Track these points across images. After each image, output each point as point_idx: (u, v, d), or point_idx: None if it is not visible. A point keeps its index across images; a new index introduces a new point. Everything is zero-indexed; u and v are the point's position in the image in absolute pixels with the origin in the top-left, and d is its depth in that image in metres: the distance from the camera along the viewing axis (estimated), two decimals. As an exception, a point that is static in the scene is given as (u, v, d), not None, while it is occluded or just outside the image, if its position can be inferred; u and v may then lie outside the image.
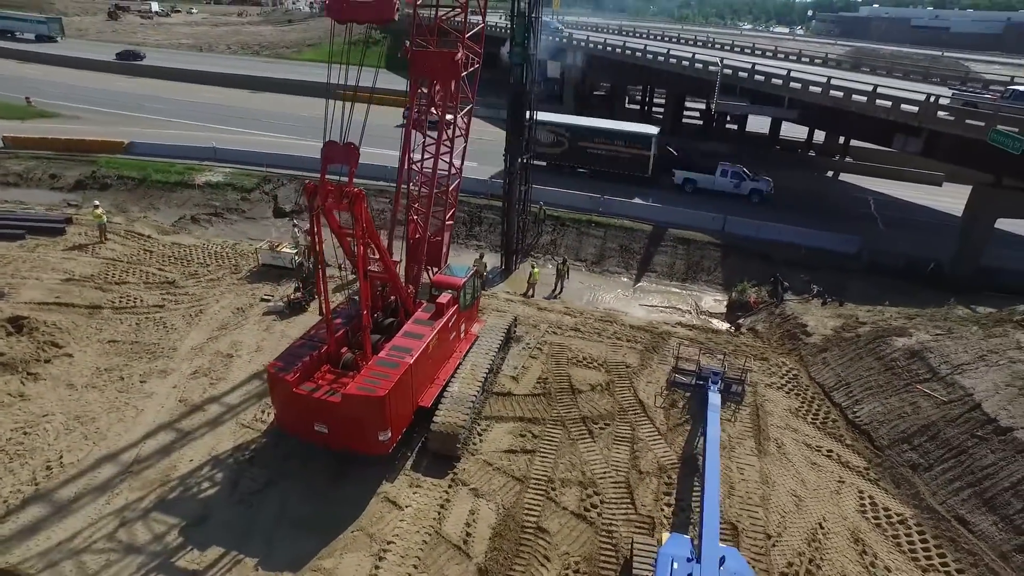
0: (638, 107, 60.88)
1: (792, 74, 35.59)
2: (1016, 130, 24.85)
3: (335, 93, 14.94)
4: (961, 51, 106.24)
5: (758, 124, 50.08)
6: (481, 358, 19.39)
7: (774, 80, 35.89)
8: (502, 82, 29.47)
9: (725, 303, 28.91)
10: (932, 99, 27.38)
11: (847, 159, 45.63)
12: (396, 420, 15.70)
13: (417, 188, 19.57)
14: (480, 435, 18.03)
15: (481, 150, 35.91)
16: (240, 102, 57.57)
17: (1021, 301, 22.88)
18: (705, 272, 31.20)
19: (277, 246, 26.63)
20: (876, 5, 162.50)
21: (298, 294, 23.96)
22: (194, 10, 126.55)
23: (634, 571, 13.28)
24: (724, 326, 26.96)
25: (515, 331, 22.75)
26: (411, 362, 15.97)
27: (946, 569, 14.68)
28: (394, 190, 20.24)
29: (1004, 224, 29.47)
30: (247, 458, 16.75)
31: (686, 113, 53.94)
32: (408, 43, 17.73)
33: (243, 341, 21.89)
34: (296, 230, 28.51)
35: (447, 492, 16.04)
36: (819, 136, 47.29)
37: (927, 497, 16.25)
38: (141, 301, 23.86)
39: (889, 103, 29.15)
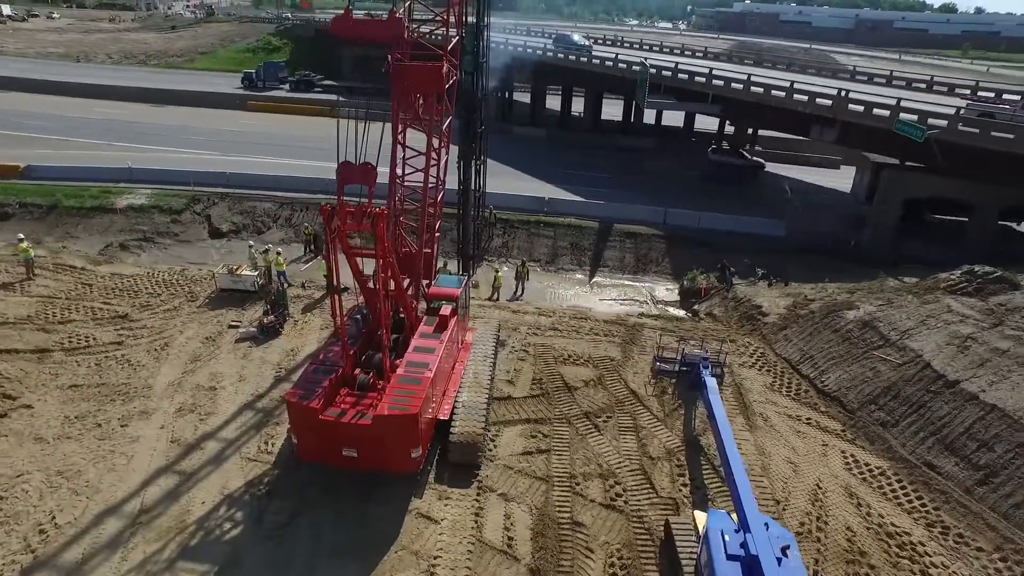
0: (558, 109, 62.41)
1: (714, 72, 38.09)
2: (916, 117, 28.28)
3: (343, 112, 14.79)
4: (824, 44, 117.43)
5: (673, 118, 53.05)
6: (481, 365, 19.73)
7: (697, 78, 38.26)
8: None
9: (677, 291, 30.72)
10: (844, 93, 30.45)
11: (756, 147, 49.39)
12: (424, 436, 15.77)
13: (402, 202, 19.58)
14: (493, 441, 18.37)
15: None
16: (143, 117, 53.43)
17: (936, 269, 26.11)
18: (654, 263, 32.92)
19: (236, 269, 25.36)
20: (747, 1, 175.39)
21: (271, 317, 23.04)
22: (55, 15, 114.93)
23: (678, 549, 14.22)
24: (681, 313, 28.68)
25: (500, 336, 23.14)
26: (431, 376, 16.06)
27: (924, 509, 16.76)
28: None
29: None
30: (264, 492, 16.16)
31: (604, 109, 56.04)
32: (389, 58, 17.67)
33: (222, 372, 20.85)
34: (253, 251, 27.24)
35: (477, 500, 16.28)
36: (729, 127, 50.74)
37: (898, 449, 18.41)
38: (95, 339, 22.06)
39: (806, 97, 32.07)
